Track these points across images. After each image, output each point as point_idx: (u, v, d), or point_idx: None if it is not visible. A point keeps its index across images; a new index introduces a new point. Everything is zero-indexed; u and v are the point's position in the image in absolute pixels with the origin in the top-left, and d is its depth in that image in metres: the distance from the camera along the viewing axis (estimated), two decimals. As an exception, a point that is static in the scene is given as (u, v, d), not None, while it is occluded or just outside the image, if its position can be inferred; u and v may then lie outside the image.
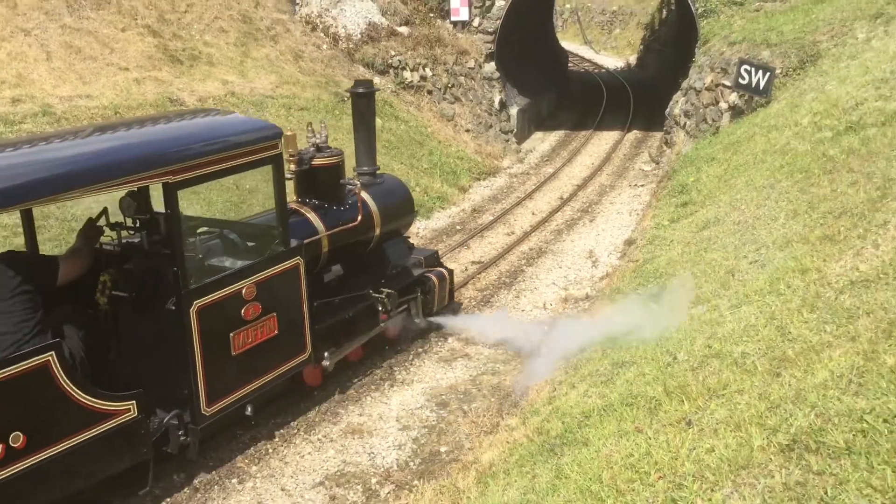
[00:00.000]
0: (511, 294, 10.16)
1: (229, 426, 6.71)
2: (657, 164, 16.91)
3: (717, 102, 14.38)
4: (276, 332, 6.61)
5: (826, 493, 3.14)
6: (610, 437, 4.73)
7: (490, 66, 19.69)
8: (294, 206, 7.50)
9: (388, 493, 6.07)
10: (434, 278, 8.81)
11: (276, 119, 13.75)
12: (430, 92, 18.12)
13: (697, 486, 3.63)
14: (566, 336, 7.43)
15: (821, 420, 3.59)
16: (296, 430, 6.95)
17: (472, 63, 19.20)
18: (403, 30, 18.91)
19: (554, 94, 26.13)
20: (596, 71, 35.27)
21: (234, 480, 6.24)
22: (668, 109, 17.30)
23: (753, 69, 12.66)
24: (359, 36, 18.08)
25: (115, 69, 12.84)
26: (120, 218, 6.13)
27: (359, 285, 7.98)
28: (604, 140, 20.91)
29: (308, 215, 7.48)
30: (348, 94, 8.71)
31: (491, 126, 19.22)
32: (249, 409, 6.55)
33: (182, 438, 6.02)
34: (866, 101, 8.66)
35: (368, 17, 18.63)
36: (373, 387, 7.75)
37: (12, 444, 4.80)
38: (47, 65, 12.28)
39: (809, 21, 13.70)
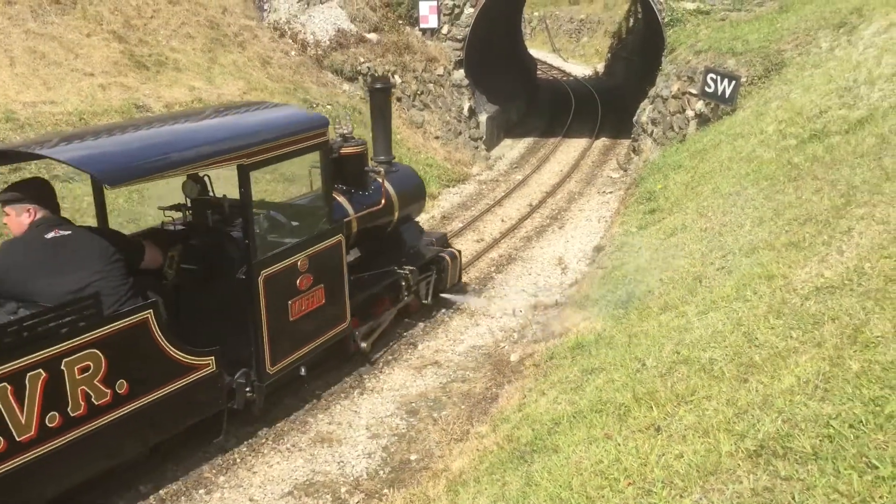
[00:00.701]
0: (481, 300, 10.16)
1: (287, 384, 7.39)
2: (625, 171, 17.04)
3: (684, 110, 14.52)
4: (324, 301, 7.38)
5: (793, 498, 3.17)
6: (580, 444, 4.74)
7: (459, 74, 19.74)
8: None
9: (358, 502, 6.03)
10: (447, 257, 9.74)
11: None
12: (399, 99, 18.12)
13: (667, 493, 3.65)
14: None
15: (788, 426, 3.62)
16: (264, 440, 6.88)
17: (441, 70, 19.23)
18: (372, 36, 18.89)
19: (523, 101, 26.25)
20: (564, 79, 35.48)
21: (201, 491, 6.16)
22: (635, 117, 17.44)
23: (719, 78, 12.81)
24: (327, 42, 18.03)
25: (80, 75, 12.67)
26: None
27: (380, 264, 8.81)
28: (572, 147, 21.03)
29: (339, 199, 8.11)
30: (367, 90, 9.55)
31: (460, 133, 19.25)
32: (303, 370, 7.31)
33: (249, 395, 6.71)
34: (830, 110, 8.79)
35: (337, 23, 18.60)
36: (342, 395, 7.70)
37: (118, 391, 5.52)
38: (10, 70, 12.09)
39: (774, 30, 13.89)
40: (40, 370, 5.02)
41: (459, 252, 10.13)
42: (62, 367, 5.14)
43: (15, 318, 5.19)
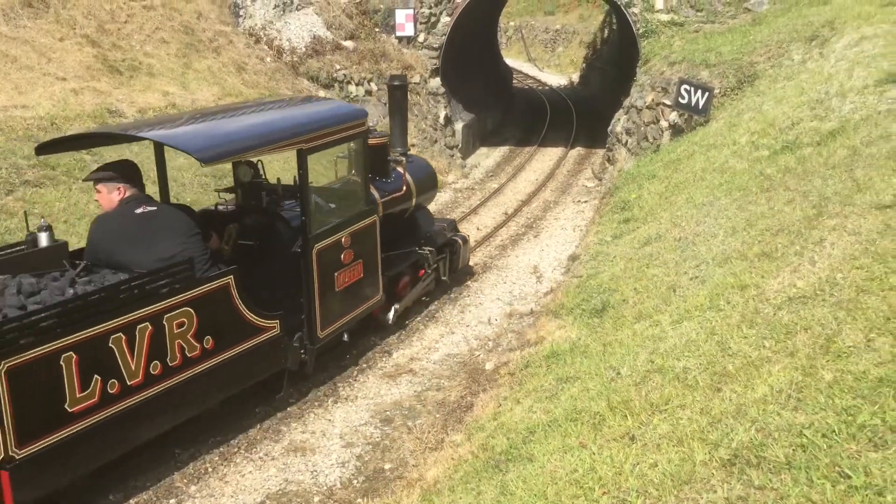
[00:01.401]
0: (456, 309, 10.16)
1: (332, 349, 8.32)
2: (600, 180, 17.13)
3: (658, 121, 14.63)
4: (362, 275, 8.32)
5: (767, 507, 3.18)
6: (555, 453, 4.74)
7: (435, 82, 19.77)
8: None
9: (332, 511, 5.99)
10: (459, 241, 10.87)
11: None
12: (375, 106, 18.10)
13: (641, 502, 3.65)
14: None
15: (761, 435, 3.64)
16: (236, 449, 6.82)
17: (417, 78, 19.24)
18: (348, 44, 18.87)
19: (499, 110, 26.33)
20: (540, 88, 35.64)
21: (172, 501, 6.09)
22: (610, 127, 17.55)
23: (693, 89, 12.92)
24: (303, 49, 17.99)
25: (52, 79, 12.54)
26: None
27: (399, 246, 9.61)
28: (547, 156, 21.12)
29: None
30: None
31: (436, 141, 19.27)
32: (346, 335, 8.30)
33: (302, 356, 7.55)
34: (802, 121, 8.89)
35: (313, 30, 18.56)
36: (316, 403, 7.65)
37: (205, 346, 6.40)
38: (-19, 73, 11.95)
39: (747, 42, 14.05)
40: (147, 324, 5.89)
41: (468, 237, 11.37)
42: (164, 322, 6.03)
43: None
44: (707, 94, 12.53)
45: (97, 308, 5.59)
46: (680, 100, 13.14)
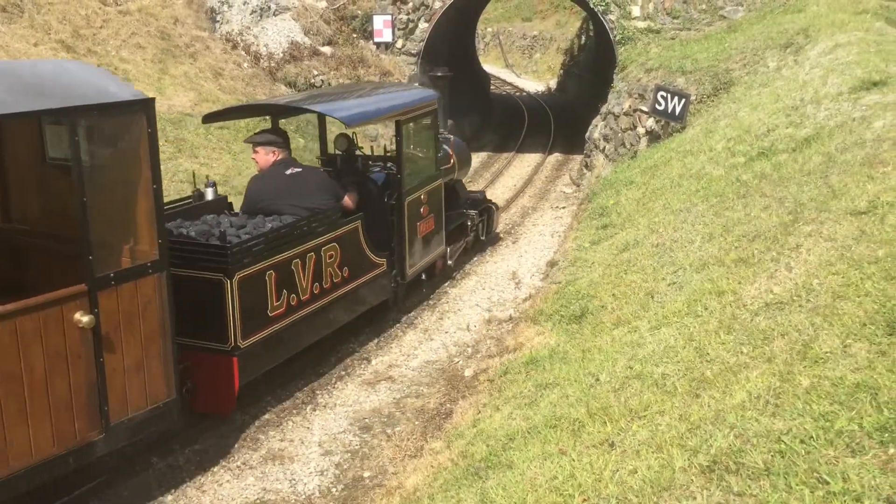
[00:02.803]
0: (434, 315, 10.15)
1: (413, 285, 10.23)
2: (578, 186, 17.19)
3: (635, 127, 14.71)
4: (433, 227, 10.38)
5: (746, 513, 3.19)
6: (534, 460, 4.73)
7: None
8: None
9: (310, 520, 5.95)
10: (493, 207, 13.22)
11: (195, 137, 13.50)
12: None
13: (621, 509, 3.65)
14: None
15: (740, 441, 3.66)
16: (214, 457, 6.76)
17: (395, 84, 19.26)
18: (326, 50, 18.84)
19: (477, 115, 26.35)
20: (517, 94, 35.75)
21: (148, 511, 6.03)
22: (587, 133, 17.62)
23: (669, 95, 13.00)
24: (281, 55, 17.93)
25: (25, 84, 12.39)
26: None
27: (448, 209, 11.19)
28: (525, 162, 21.16)
29: None
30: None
31: (414, 147, 19.26)
32: (424, 275, 10.43)
33: (394, 289, 9.51)
34: (777, 128, 8.97)
35: (291, 36, 18.51)
36: (294, 411, 7.61)
37: (343, 274, 8.34)
38: (-47, 78, 11.79)
39: (722, 50, 14.16)
40: (312, 253, 7.82)
41: (498, 205, 13.75)
42: (321, 253, 7.97)
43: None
44: (683, 100, 12.61)
45: (285, 238, 7.48)
46: (657, 106, 13.21)
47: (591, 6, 18.62)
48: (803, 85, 10.02)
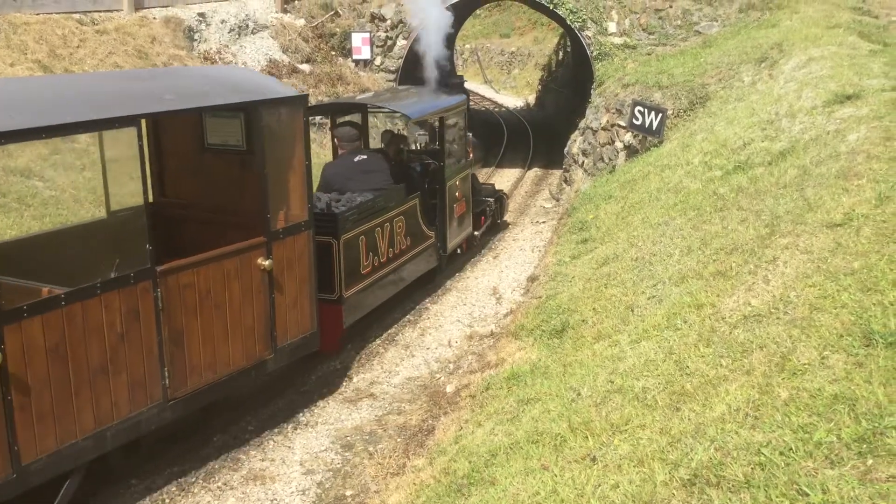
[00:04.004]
0: (416, 331, 10.13)
1: (450, 258, 12.27)
2: (557, 201, 17.25)
3: (613, 142, 14.80)
4: (465, 209, 12.49)
5: (727, 526, 3.20)
6: (517, 476, 4.72)
7: (392, 104, 19.81)
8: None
9: (292, 540, 5.90)
10: (504, 197, 15.59)
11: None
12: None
13: (604, 524, 3.65)
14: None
15: (720, 454, 3.67)
16: (194, 478, 6.69)
17: (374, 101, 19.28)
18: (305, 67, 18.85)
19: (456, 132, 26.39)
20: (496, 110, 35.86)
21: (128, 534, 5.96)
22: (566, 148, 17.71)
23: (646, 110, 13.10)
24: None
25: (1, 104, 12.31)
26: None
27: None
28: (505, 177, 21.22)
29: None
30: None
31: (394, 163, 19.28)
32: (459, 250, 12.61)
33: (439, 259, 11.55)
34: (753, 142, 9.05)
35: (269, 54, 18.51)
36: (275, 430, 7.56)
37: (407, 243, 10.30)
38: (-73, 99, 11.68)
39: (698, 65, 14.30)
40: (388, 223, 9.72)
41: (507, 195, 16.17)
42: (393, 223, 9.86)
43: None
44: (660, 115, 12.71)
45: (371, 210, 9.28)
46: (634, 121, 13.31)
47: (568, 23, 18.77)
48: (778, 99, 10.13)
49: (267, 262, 6.96)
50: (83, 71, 14.28)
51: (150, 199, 6.88)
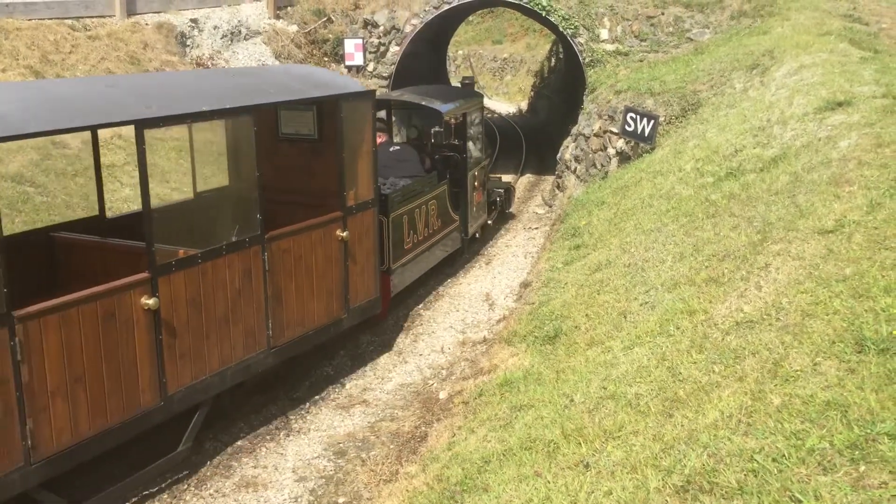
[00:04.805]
0: (409, 338, 10.12)
1: (472, 242, 13.93)
2: (550, 207, 17.26)
3: (606, 148, 14.83)
4: (482, 198, 13.98)
5: (721, 533, 3.20)
6: (510, 483, 4.72)
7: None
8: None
9: (285, 548, 5.88)
10: (512, 188, 16.93)
11: (166, 161, 13.43)
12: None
13: (597, 531, 3.65)
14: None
15: (713, 460, 3.67)
16: (186, 486, 6.67)
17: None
18: (297, 73, 18.81)
19: (448, 138, 26.42)
20: (489, 116, 35.84)
21: (119, 542, 5.93)
22: (559, 154, 17.73)
23: (639, 117, 13.13)
24: (252, 79, 17.89)
25: (-7, 109, 12.26)
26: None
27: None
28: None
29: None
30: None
31: (386, 169, 19.29)
32: (477, 234, 14.14)
33: (462, 241, 13.00)
34: (745, 149, 9.08)
35: (262, 60, 18.50)
36: (268, 437, 7.53)
37: (438, 224, 11.70)
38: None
39: (690, 72, 14.34)
40: (423, 206, 11.11)
41: (514, 187, 17.62)
42: (428, 205, 11.30)
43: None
44: (652, 121, 12.74)
45: (411, 192, 10.74)
46: (626, 127, 13.34)
47: (561, 29, 18.80)
48: (770, 106, 10.16)
49: (344, 234, 8.28)
50: (74, 76, 14.25)
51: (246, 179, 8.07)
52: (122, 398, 5.89)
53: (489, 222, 15.06)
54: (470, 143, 13.03)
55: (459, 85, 15.25)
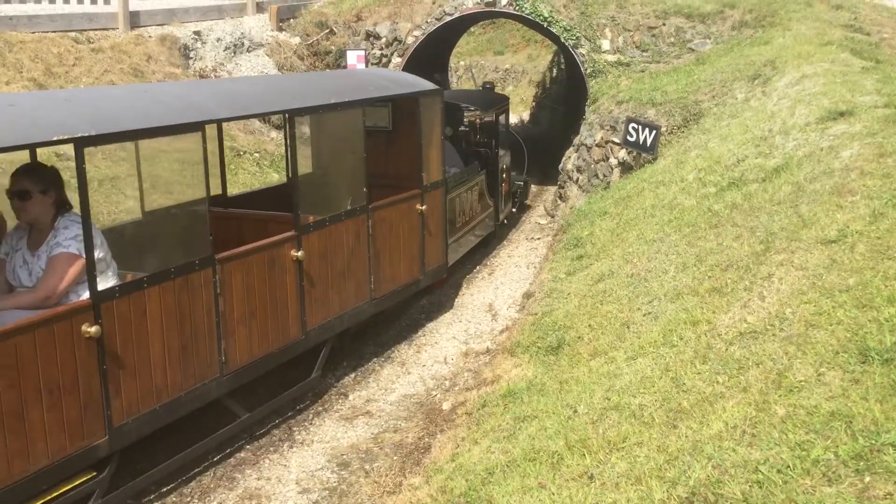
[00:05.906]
0: (412, 349, 10.12)
1: (502, 227, 15.91)
2: (552, 217, 17.27)
3: (608, 158, 14.84)
4: (508, 187, 15.83)
5: (726, 544, 3.19)
6: (514, 494, 4.71)
7: (387, 121, 19.85)
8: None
9: (288, 560, 5.87)
10: (529, 182, 19.11)
11: (169, 173, 13.46)
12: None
13: (602, 543, 3.64)
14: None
15: (718, 471, 3.67)
16: (189, 498, 6.66)
17: (369, 118, 19.34)
18: (300, 85, 18.86)
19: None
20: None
21: (123, 554, 5.92)
22: (561, 164, 17.74)
23: (640, 127, 13.14)
24: (255, 90, 17.94)
25: (-4, 122, 12.29)
26: None
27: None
28: (500, 194, 21.22)
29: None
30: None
31: (389, 180, 19.33)
32: (506, 220, 16.06)
33: (494, 227, 14.68)
34: (747, 158, 9.09)
35: (265, 71, 18.55)
36: (271, 448, 7.53)
37: (478, 209, 13.52)
38: (-78, 117, 11.67)
39: (691, 82, 14.37)
40: (468, 191, 12.86)
41: (530, 182, 19.73)
42: (469, 192, 12.83)
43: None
44: (654, 132, 12.75)
45: (458, 180, 12.35)
46: (628, 138, 13.35)
47: (562, 40, 18.84)
48: (771, 116, 10.18)
49: (423, 207, 10.09)
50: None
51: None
52: (279, 330, 7.57)
53: (513, 210, 16.93)
54: (501, 139, 15.18)
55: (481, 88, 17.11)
